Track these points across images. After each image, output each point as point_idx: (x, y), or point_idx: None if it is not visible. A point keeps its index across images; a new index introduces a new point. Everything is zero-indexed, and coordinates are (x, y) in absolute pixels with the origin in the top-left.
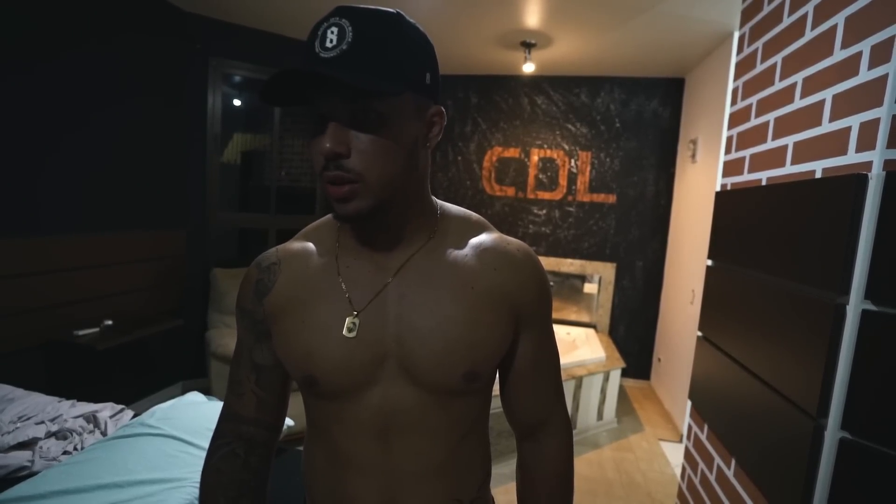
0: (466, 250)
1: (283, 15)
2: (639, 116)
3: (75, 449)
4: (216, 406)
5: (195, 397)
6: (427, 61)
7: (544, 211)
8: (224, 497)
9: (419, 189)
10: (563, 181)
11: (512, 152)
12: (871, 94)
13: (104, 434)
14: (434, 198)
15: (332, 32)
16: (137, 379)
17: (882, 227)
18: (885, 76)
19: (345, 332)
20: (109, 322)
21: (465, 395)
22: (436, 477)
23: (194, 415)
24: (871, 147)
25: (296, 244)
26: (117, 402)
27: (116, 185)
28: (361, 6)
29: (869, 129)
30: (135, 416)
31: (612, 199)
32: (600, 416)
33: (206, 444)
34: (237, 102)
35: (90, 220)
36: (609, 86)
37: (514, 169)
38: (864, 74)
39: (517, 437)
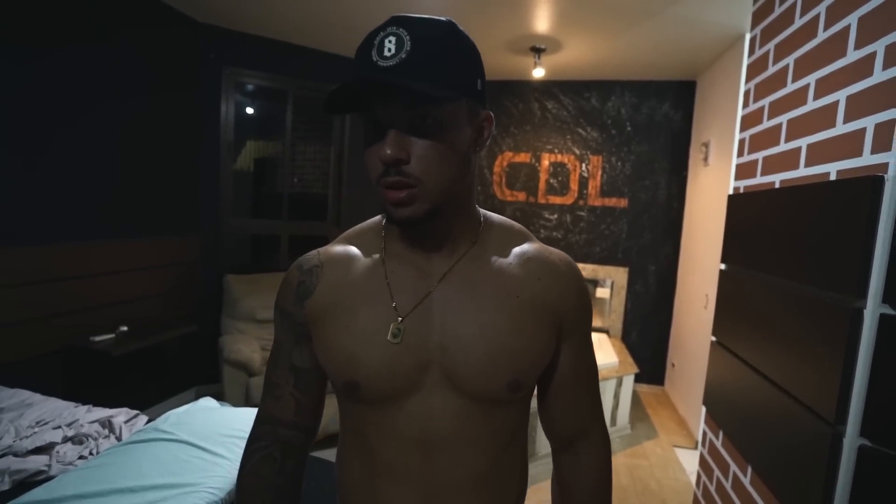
0: (510, 259)
1: (293, 24)
2: (650, 120)
3: (91, 454)
4: (228, 412)
5: (208, 403)
6: (478, 68)
7: (556, 216)
8: (262, 501)
9: (467, 195)
10: (574, 185)
11: (523, 157)
12: (886, 94)
13: (119, 439)
14: (477, 206)
15: (390, 41)
16: (152, 384)
17: None
18: None
19: (389, 337)
20: (125, 328)
21: (506, 406)
22: (475, 489)
23: (207, 420)
24: (887, 148)
25: (338, 247)
26: (132, 408)
27: (132, 193)
28: (415, 15)
29: (884, 131)
30: (149, 421)
31: (623, 203)
32: (613, 421)
33: (219, 450)
34: (250, 110)
35: (106, 228)
36: (620, 89)
37: (524, 174)
38: (879, 75)
39: (554, 449)
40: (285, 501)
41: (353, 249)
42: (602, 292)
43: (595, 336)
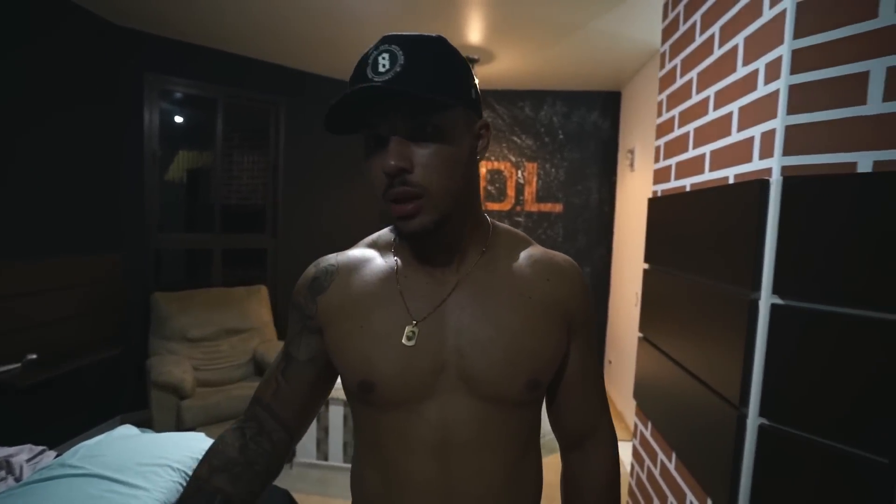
0: (519, 262)
1: (220, 31)
2: (580, 128)
3: None
4: (149, 439)
5: (127, 431)
6: (470, 78)
7: None
8: (209, 464)
9: (473, 202)
10: (511, 192)
11: None
12: (767, 107)
13: (18, 480)
14: (485, 214)
15: (384, 58)
16: (68, 417)
17: (783, 227)
18: (778, 91)
19: (404, 339)
20: (33, 356)
21: (522, 408)
22: (497, 496)
23: (124, 450)
24: (771, 154)
25: (355, 252)
26: (47, 444)
27: (43, 207)
28: (406, 33)
29: (768, 139)
30: (58, 457)
31: (558, 208)
32: None
33: (137, 481)
34: (179, 119)
35: (11, 246)
36: (551, 99)
37: None
38: (762, 89)
39: (563, 447)
40: (228, 477)
41: (370, 253)
42: None
43: None
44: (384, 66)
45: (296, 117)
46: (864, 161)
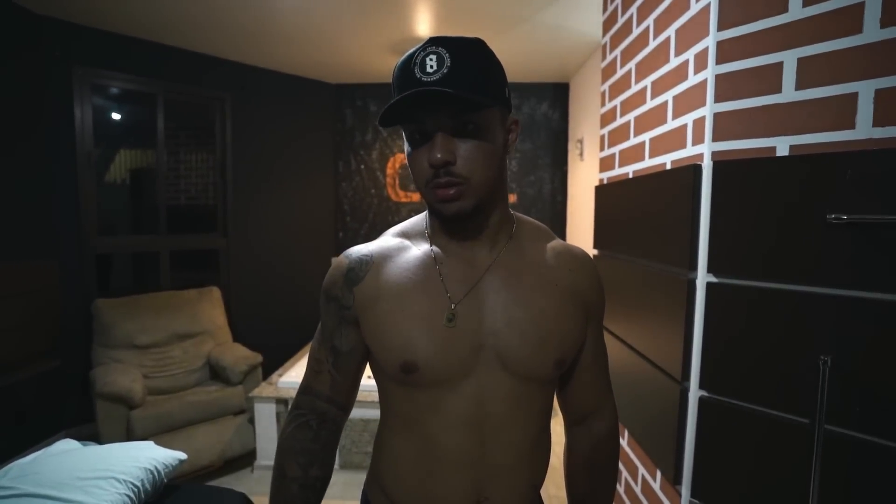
0: (543, 252)
1: (159, 22)
2: (531, 119)
3: None
4: (92, 452)
5: (66, 445)
6: (504, 78)
7: None
8: (297, 462)
9: (503, 194)
10: None
11: None
12: (697, 95)
13: None
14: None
15: (431, 59)
16: (7, 436)
17: (714, 209)
18: (706, 80)
19: (444, 322)
20: None
21: (547, 386)
22: (522, 467)
23: (62, 466)
24: (702, 141)
25: (387, 240)
26: None
27: None
28: (450, 36)
29: (699, 126)
30: None
31: (512, 198)
32: None
33: (77, 496)
34: (116, 116)
35: None
36: None
37: None
38: (692, 79)
39: (568, 423)
40: (318, 464)
41: (405, 241)
42: None
43: None
44: (432, 67)
45: (242, 112)
46: (782, 145)
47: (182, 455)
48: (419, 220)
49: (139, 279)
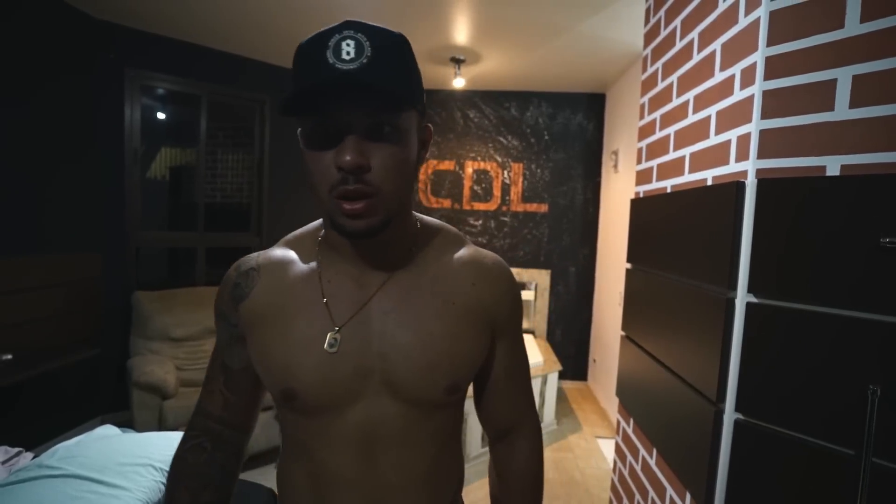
0: (445, 264)
1: (203, 26)
2: (566, 129)
3: None
4: (130, 439)
5: (107, 431)
6: (421, 82)
7: (480, 221)
8: (187, 488)
9: (409, 205)
10: (497, 192)
11: (447, 165)
12: (743, 111)
13: None
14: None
15: (349, 45)
16: (46, 419)
17: (757, 227)
18: (752, 96)
19: (326, 346)
20: (9, 356)
21: (444, 408)
22: (420, 488)
23: (104, 450)
24: (746, 157)
25: (277, 251)
26: (23, 446)
27: (21, 204)
28: (369, 22)
29: (744, 142)
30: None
31: (544, 208)
32: (540, 418)
33: (118, 481)
34: (161, 115)
35: None
36: (537, 100)
37: (449, 181)
38: (738, 94)
39: (490, 439)
40: (211, 490)
41: (292, 254)
42: (527, 294)
43: None
44: (349, 53)
45: (281, 115)
46: (833, 164)
47: None
48: (311, 228)
49: (174, 274)
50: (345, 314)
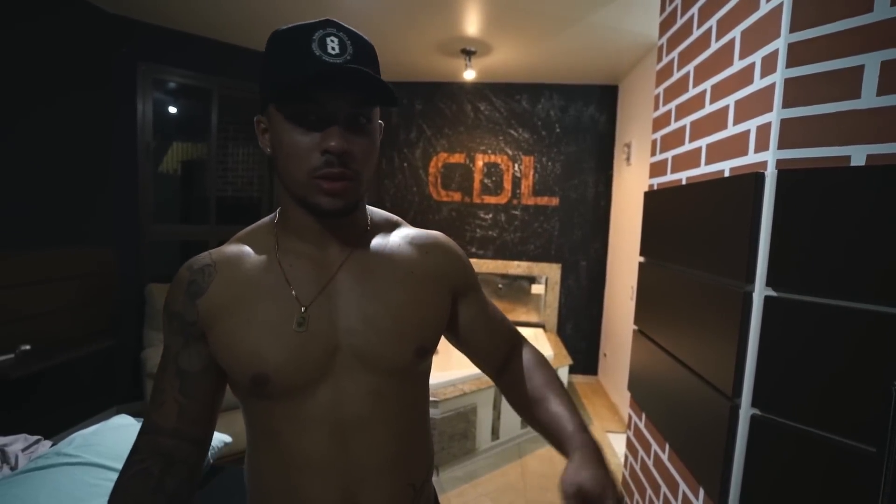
0: (397, 242)
1: (218, 20)
2: (577, 122)
3: None
4: None
5: (122, 420)
6: None
7: (490, 215)
8: None
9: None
10: (507, 185)
11: (457, 158)
12: (763, 100)
13: (14, 469)
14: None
15: (333, 41)
16: (63, 408)
17: (777, 219)
18: (773, 85)
19: (295, 326)
20: (26, 347)
21: (412, 379)
22: (393, 466)
23: (120, 439)
24: (766, 148)
25: (231, 247)
26: (43, 435)
27: (34, 199)
28: (346, 25)
29: (763, 132)
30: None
31: (555, 201)
32: None
33: None
34: (173, 110)
35: (4, 238)
36: (548, 92)
37: (459, 174)
38: (758, 83)
39: (495, 375)
40: None
41: (246, 248)
42: (537, 288)
43: (531, 331)
44: (334, 49)
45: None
46: (858, 154)
47: (227, 438)
48: (263, 223)
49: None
50: (309, 294)
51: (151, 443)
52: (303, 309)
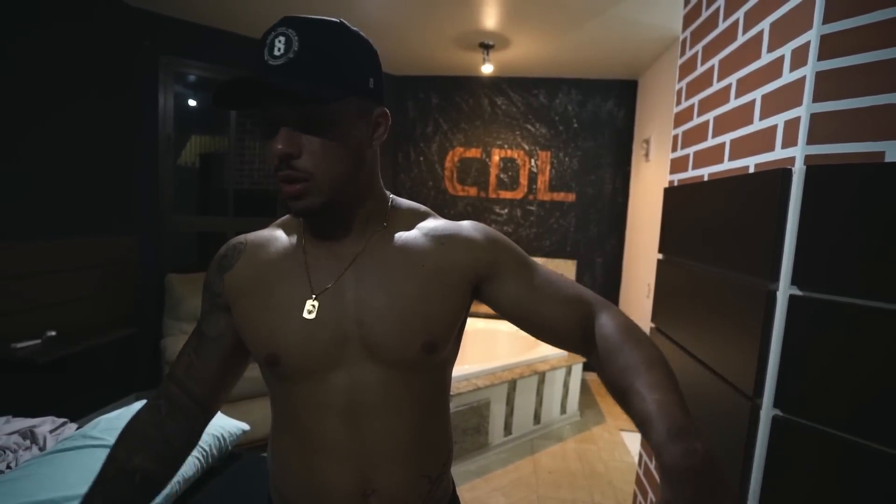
0: (416, 234)
1: (239, 13)
2: (595, 117)
3: (9, 467)
4: None
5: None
6: (369, 67)
7: (506, 210)
8: (124, 444)
9: (369, 184)
10: (523, 180)
11: (473, 152)
12: (792, 94)
13: (42, 450)
14: (387, 191)
15: (280, 41)
16: (87, 392)
17: (804, 217)
18: (804, 78)
19: (304, 313)
20: (52, 333)
21: (425, 371)
22: (406, 456)
23: None
24: (794, 143)
25: (265, 231)
26: (69, 418)
27: (59, 189)
28: (307, 16)
29: (792, 127)
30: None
31: (571, 197)
32: (563, 409)
33: None
34: (193, 103)
35: (29, 227)
36: (566, 87)
37: (475, 169)
38: (787, 76)
39: (586, 352)
40: (145, 455)
41: (279, 233)
42: None
43: None
44: (279, 49)
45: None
46: (893, 150)
47: (245, 426)
48: None
49: (204, 257)
50: (323, 283)
51: (166, 387)
52: (313, 297)
